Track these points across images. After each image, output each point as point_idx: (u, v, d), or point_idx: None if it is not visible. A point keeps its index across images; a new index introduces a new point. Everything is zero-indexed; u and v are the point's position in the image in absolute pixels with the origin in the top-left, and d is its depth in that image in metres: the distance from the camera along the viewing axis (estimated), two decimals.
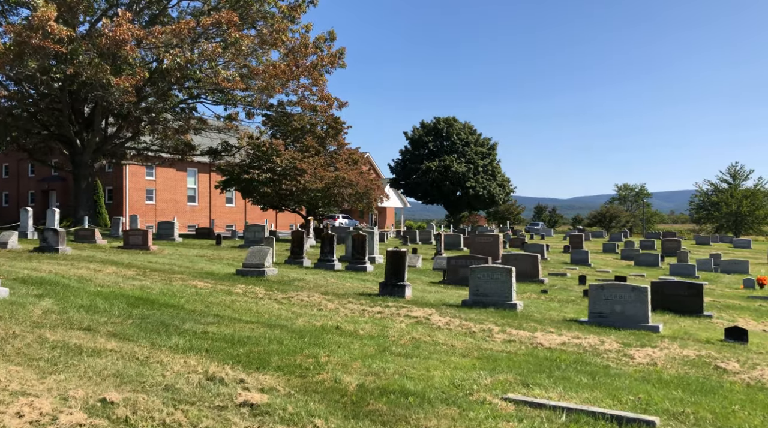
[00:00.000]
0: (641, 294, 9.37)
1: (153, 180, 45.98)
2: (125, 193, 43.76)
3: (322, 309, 9.04)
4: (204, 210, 49.97)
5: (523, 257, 16.19)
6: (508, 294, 10.40)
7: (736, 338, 8.83)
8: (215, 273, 13.04)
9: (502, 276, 10.45)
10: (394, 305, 10.00)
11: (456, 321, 8.85)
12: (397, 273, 11.27)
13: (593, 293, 9.72)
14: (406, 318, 8.88)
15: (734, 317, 12.22)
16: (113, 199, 44.09)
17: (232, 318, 7.75)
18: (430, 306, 10.13)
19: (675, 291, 11.92)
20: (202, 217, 49.18)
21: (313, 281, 12.54)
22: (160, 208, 46.72)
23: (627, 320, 9.44)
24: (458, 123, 59.53)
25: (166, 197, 47.08)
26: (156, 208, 46.43)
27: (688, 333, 9.31)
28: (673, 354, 7.67)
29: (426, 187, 57.11)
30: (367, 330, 7.73)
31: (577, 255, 25.12)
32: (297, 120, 27.04)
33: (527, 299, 12.45)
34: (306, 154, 25.81)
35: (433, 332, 7.96)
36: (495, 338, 7.92)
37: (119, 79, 18.77)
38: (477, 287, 10.63)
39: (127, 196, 43.92)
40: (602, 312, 9.63)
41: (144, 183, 45.56)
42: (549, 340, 7.95)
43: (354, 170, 26.50)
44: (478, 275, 10.62)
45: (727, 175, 67.12)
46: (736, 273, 24.99)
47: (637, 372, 6.65)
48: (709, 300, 15.08)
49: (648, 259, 26.80)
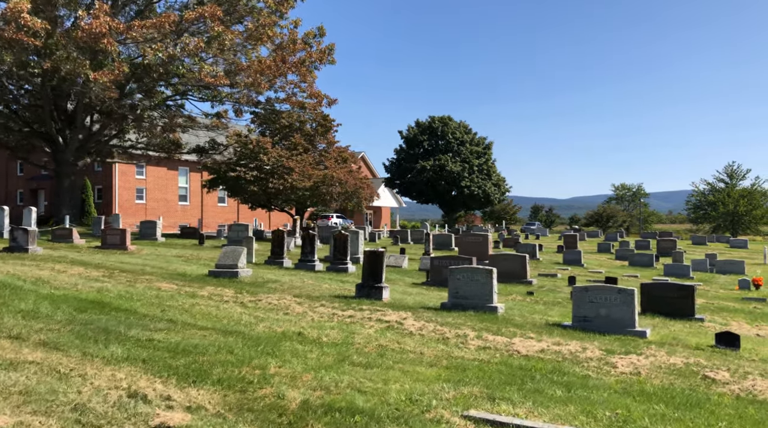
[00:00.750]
0: (627, 297, 8.87)
1: (143, 179, 45.37)
2: (115, 192, 43.14)
3: (289, 314, 8.52)
4: (195, 209, 49.36)
5: (511, 257, 15.68)
6: (488, 297, 9.89)
7: (728, 344, 8.33)
8: (187, 274, 12.51)
9: (482, 277, 9.94)
10: (369, 308, 9.48)
11: (430, 325, 8.34)
12: (374, 274, 10.75)
13: (577, 296, 9.22)
14: (378, 322, 8.37)
15: (727, 320, 11.72)
16: (103, 198, 43.47)
17: (186, 324, 7.22)
18: (406, 310, 9.62)
19: (665, 293, 11.42)
20: (193, 217, 48.58)
21: (288, 282, 12.02)
22: (151, 208, 46.11)
23: (613, 324, 8.93)
24: (453, 122, 59.04)
25: (157, 196, 46.47)
26: (146, 207, 45.82)
27: (677, 339, 8.81)
28: (659, 362, 7.16)
29: (421, 187, 56.62)
30: (331, 336, 7.21)
31: (569, 255, 24.63)
32: (285, 117, 26.49)
33: (512, 301, 11.95)
34: (294, 152, 25.26)
35: (403, 338, 7.45)
36: (469, 345, 7.41)
37: (96, 74, 18.22)
38: (457, 289, 10.12)
39: (117, 195, 43.29)
40: (587, 316, 9.13)
41: (134, 182, 44.94)
42: (527, 347, 7.45)
43: (343, 169, 25.95)
44: (458, 276, 10.11)
45: (724, 175, 66.76)
46: (732, 273, 24.53)
47: (619, 383, 6.14)
48: (702, 302, 14.59)
49: (642, 260, 26.32)
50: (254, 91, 24.68)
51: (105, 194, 43.75)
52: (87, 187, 41.45)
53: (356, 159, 28.84)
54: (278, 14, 26.19)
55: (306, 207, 26.80)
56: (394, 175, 59.00)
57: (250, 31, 22.51)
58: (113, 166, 42.65)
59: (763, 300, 15.56)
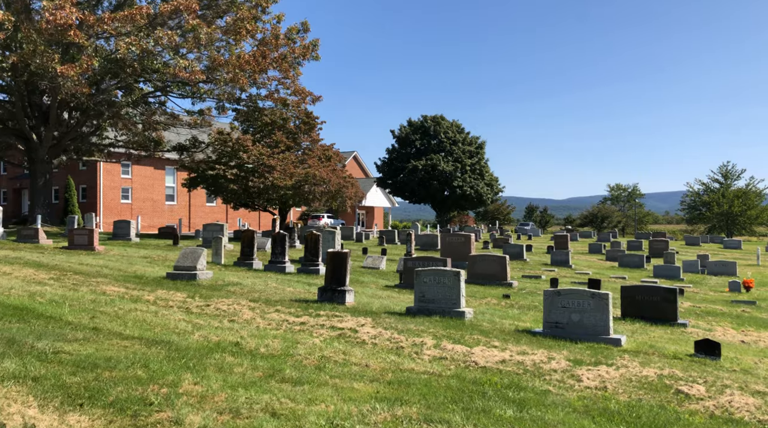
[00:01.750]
0: (601, 302, 8.26)
1: (129, 178, 44.65)
2: (99, 191, 42.43)
3: (235, 321, 7.88)
4: (183, 209, 48.64)
5: (491, 258, 15.07)
6: (455, 301, 9.26)
7: (708, 352, 7.73)
8: (145, 276, 11.86)
9: (449, 280, 9.31)
10: (327, 314, 8.85)
11: (388, 333, 7.71)
12: (337, 277, 10.12)
13: (548, 300, 8.61)
14: (330, 330, 7.73)
15: (712, 325, 11.13)
16: (87, 198, 42.74)
17: (111, 333, 6.58)
18: (368, 315, 8.99)
19: (647, 296, 10.82)
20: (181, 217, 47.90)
21: (250, 285, 11.38)
22: (137, 207, 45.39)
23: (586, 331, 8.32)
24: (446, 121, 58.41)
25: (143, 196, 45.76)
26: (132, 207, 45.10)
27: (655, 347, 8.20)
28: (630, 374, 6.55)
29: (413, 186, 55.96)
30: (271, 347, 6.57)
31: (557, 256, 24.04)
32: (268, 114, 25.82)
33: (485, 305, 11.33)
34: (275, 150, 24.59)
35: (352, 348, 6.82)
36: (424, 355, 6.78)
37: (63, 68, 17.55)
38: (423, 292, 9.50)
39: (102, 194, 42.59)
40: (558, 321, 8.52)
41: (119, 181, 44.23)
42: (487, 357, 6.82)
43: (327, 167, 25.28)
44: (424, 279, 9.49)
45: (719, 175, 66.25)
46: (723, 275, 23.98)
47: (581, 400, 5.52)
48: (688, 305, 14.01)
49: (633, 260, 25.74)
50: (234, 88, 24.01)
51: (89, 194, 43.01)
52: (70, 187, 40.71)
53: (341, 157, 28.20)
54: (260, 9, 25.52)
55: (289, 206, 26.14)
56: (386, 175, 58.32)
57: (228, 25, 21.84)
58: (98, 164, 41.90)
59: (753, 303, 14.98)
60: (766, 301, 15.78)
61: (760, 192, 62.82)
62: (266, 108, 27.05)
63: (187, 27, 19.88)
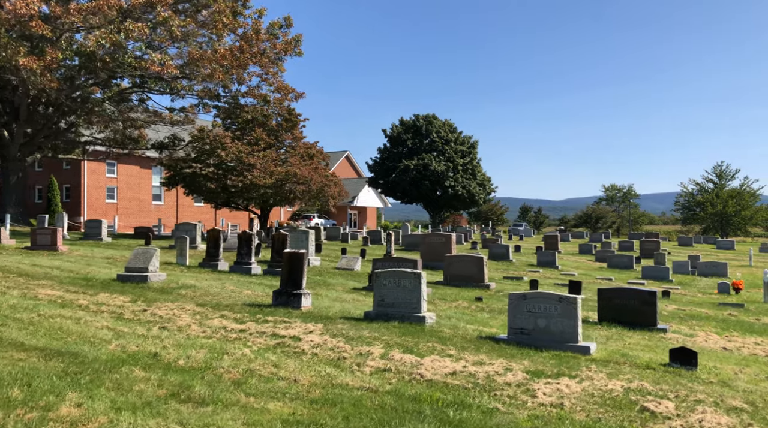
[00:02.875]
0: (569, 307, 7.61)
1: (114, 177, 43.90)
2: (83, 191, 41.67)
3: (166, 328, 7.20)
4: (170, 209, 47.90)
5: (468, 259, 14.42)
6: (416, 305, 8.60)
7: (683, 362, 7.08)
8: (95, 278, 11.17)
9: (410, 282, 8.65)
10: (276, 320, 8.18)
11: (333, 342, 7.04)
12: (293, 279, 9.45)
13: (513, 304, 7.95)
14: (271, 338, 7.06)
15: (694, 330, 10.48)
16: (71, 198, 41.98)
17: (11, 344, 5.90)
18: (321, 321, 8.32)
19: (625, 300, 10.17)
20: (168, 217, 47.11)
21: (204, 288, 10.69)
22: (123, 207, 44.64)
23: (552, 338, 7.67)
24: (438, 120, 57.75)
25: (129, 196, 45.00)
26: (118, 206, 44.34)
27: (627, 355, 7.55)
28: (594, 387, 5.90)
29: (405, 186, 55.26)
30: (194, 358, 5.90)
31: (544, 256, 23.40)
32: (248, 111, 25.14)
33: (453, 309, 10.67)
34: (255, 148, 23.91)
35: (286, 360, 6.15)
36: (366, 367, 6.12)
37: (25, 60, 16.84)
38: (382, 296, 8.83)
39: (86, 194, 41.83)
40: (524, 327, 7.86)
41: (105, 180, 43.46)
42: (436, 369, 6.16)
43: (309, 166, 24.59)
44: (384, 281, 8.82)
45: (713, 175, 65.70)
46: (714, 276, 23.38)
47: (531, 420, 4.87)
48: (673, 308, 13.38)
49: (622, 261, 25.12)
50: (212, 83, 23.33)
51: (73, 193, 42.24)
52: (53, 186, 39.93)
53: (325, 156, 27.51)
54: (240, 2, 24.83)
55: (270, 205, 25.46)
56: (377, 175, 57.61)
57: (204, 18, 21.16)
58: (82, 164, 41.13)
59: (741, 306, 14.36)
60: (754, 304, 15.17)
61: (754, 192, 62.29)
62: (247, 105, 26.36)
63: (159, 20, 19.20)
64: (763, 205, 65.45)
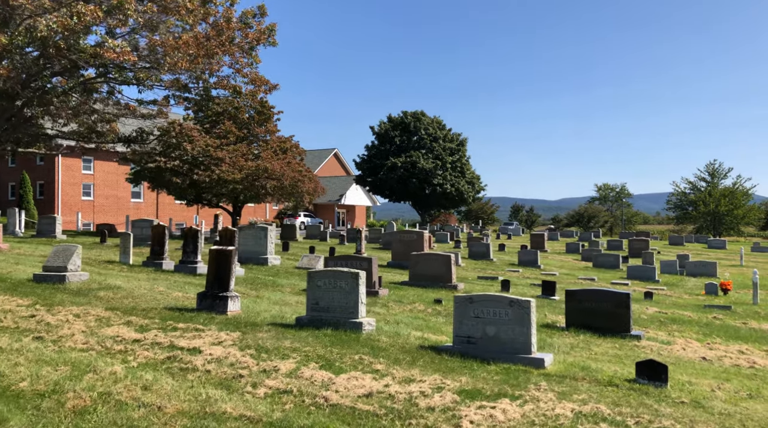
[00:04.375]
0: (521, 312, 6.56)
1: (91, 174, 42.69)
2: (58, 187, 40.45)
3: (43, 338, 6.10)
4: (150, 207, 46.66)
5: (434, 258, 13.36)
6: (353, 310, 7.53)
7: (652, 377, 6.04)
8: (9, 279, 10.05)
9: (347, 283, 7.58)
10: (187, 327, 7.10)
11: (238, 355, 5.95)
12: (220, 280, 8.36)
13: (459, 309, 6.90)
14: (163, 351, 5.97)
15: (673, 336, 9.46)
16: (44, 195, 40.74)
17: None
18: (243, 328, 7.24)
19: (596, 303, 9.13)
20: (148, 215, 45.85)
21: (128, 290, 9.59)
22: (100, 205, 43.40)
23: (503, 348, 6.62)
24: (427, 117, 56.71)
25: (107, 193, 43.77)
26: (94, 204, 43.11)
27: (588, 369, 6.50)
28: (537, 413, 4.84)
29: (392, 184, 54.15)
30: (45, 379, 4.81)
31: (525, 256, 22.37)
32: (218, 103, 24.01)
33: (407, 313, 9.60)
34: (224, 141, 22.77)
35: (165, 379, 5.06)
36: (263, 387, 5.04)
37: None
38: (316, 299, 7.75)
39: (60, 190, 40.60)
40: (471, 336, 6.81)
41: (80, 177, 42.24)
42: (349, 390, 5.10)
43: (281, 160, 23.47)
44: (318, 282, 7.74)
45: (706, 174, 64.85)
46: (703, 276, 22.44)
47: None
48: (653, 311, 12.37)
49: (608, 261, 24.16)
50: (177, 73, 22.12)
51: (47, 190, 40.98)
52: (26, 183, 38.70)
53: (301, 151, 26.37)
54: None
55: (240, 202, 24.35)
56: (365, 173, 56.47)
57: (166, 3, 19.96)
58: (56, 159, 39.89)
59: (728, 309, 13.37)
60: (743, 306, 14.18)
61: (746, 191, 61.48)
62: (220, 97, 25.20)
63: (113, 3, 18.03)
64: (756, 204, 64.70)
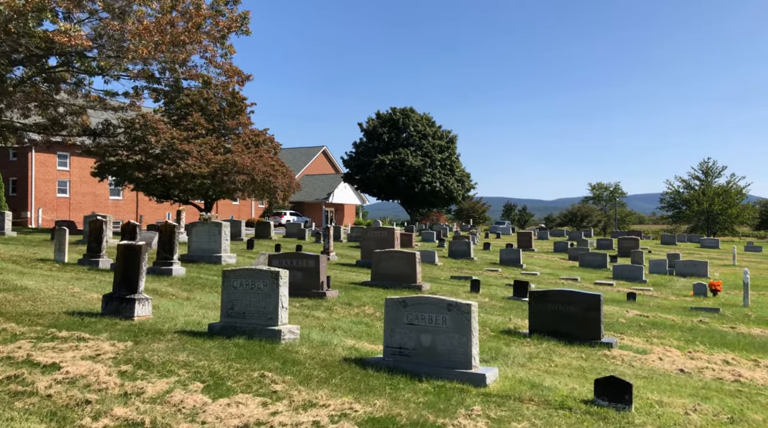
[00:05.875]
0: (461, 318, 5.47)
1: (67, 170, 41.44)
2: (31, 184, 39.19)
3: None
4: (130, 204, 45.42)
5: (399, 256, 12.28)
6: (272, 315, 6.43)
7: (613, 397, 4.97)
8: None
9: (265, 285, 6.48)
10: (70, 335, 5.99)
11: (102, 373, 4.84)
12: (128, 280, 7.25)
13: (391, 314, 5.81)
14: (12, 367, 4.86)
15: (651, 343, 8.40)
16: (17, 192, 39.46)
17: None
18: (139, 337, 6.14)
19: (564, 306, 8.06)
20: (127, 213, 44.66)
21: (34, 291, 8.47)
22: (76, 202, 42.15)
23: (439, 361, 5.53)
24: (416, 114, 55.62)
25: (84, 190, 42.49)
26: (70, 201, 41.86)
27: (539, 386, 5.41)
28: None
29: (380, 182, 53.02)
30: None
31: (508, 254, 21.31)
32: (189, 95, 22.85)
33: (352, 317, 8.51)
34: (191, 133, 21.61)
35: None
36: (106, 417, 3.94)
37: None
38: (232, 302, 6.65)
39: (34, 187, 39.33)
40: (404, 346, 5.72)
41: (56, 174, 40.98)
42: (219, 420, 4.00)
43: (252, 154, 22.30)
44: (234, 283, 6.64)
45: (700, 172, 63.97)
46: (693, 276, 21.44)
47: None
48: (634, 314, 11.32)
49: (595, 260, 23.13)
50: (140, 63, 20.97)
51: (20, 187, 39.70)
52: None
53: (276, 145, 25.19)
54: None
55: (209, 198, 23.19)
56: (353, 171, 55.31)
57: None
58: (29, 155, 38.62)
59: (716, 311, 12.34)
60: (732, 308, 13.15)
61: (740, 190, 60.62)
62: (191, 88, 24.05)
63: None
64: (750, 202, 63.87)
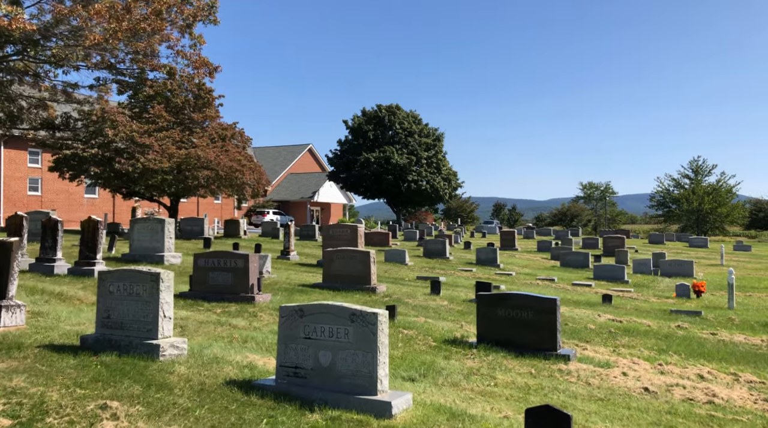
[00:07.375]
0: (366, 332, 4.40)
1: (38, 167, 40.04)
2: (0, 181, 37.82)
3: None
4: (107, 202, 44.07)
5: (351, 255, 11.21)
6: (151, 326, 5.32)
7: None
8: None
9: (145, 290, 5.38)
10: None
11: None
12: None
13: (286, 324, 4.73)
14: None
15: (618, 354, 7.35)
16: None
17: None
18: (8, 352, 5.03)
19: (516, 311, 7.00)
20: (104, 211, 43.35)
21: None
22: (48, 200, 40.77)
23: (339, 385, 4.46)
24: (402, 111, 54.59)
25: (57, 188, 41.08)
26: (42, 199, 40.48)
27: (461, 417, 4.34)
28: None
29: (366, 181, 51.93)
30: None
31: (485, 254, 20.28)
32: (151, 86, 21.68)
33: (275, 326, 7.42)
34: (152, 127, 20.44)
35: None
36: None
37: None
38: (108, 310, 5.54)
39: (2, 185, 37.97)
40: (300, 365, 4.65)
41: (27, 171, 39.62)
42: None
43: (216, 148, 21.16)
44: (111, 287, 5.54)
45: (689, 170, 63.23)
46: (678, 276, 20.48)
47: None
48: (607, 318, 10.29)
49: (577, 260, 22.16)
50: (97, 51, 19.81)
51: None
52: None
53: (245, 139, 24.04)
54: None
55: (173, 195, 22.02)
56: (338, 169, 54.19)
57: None
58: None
59: (698, 314, 11.33)
60: (715, 311, 12.16)
61: (730, 188, 59.93)
62: (157, 80, 22.85)
63: None
64: (740, 201, 63.22)
